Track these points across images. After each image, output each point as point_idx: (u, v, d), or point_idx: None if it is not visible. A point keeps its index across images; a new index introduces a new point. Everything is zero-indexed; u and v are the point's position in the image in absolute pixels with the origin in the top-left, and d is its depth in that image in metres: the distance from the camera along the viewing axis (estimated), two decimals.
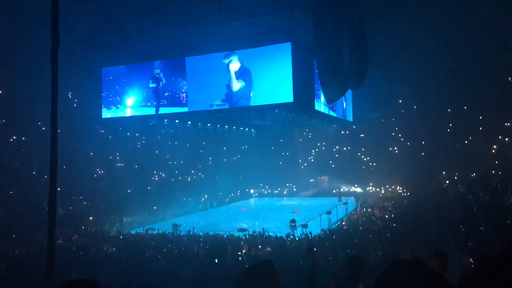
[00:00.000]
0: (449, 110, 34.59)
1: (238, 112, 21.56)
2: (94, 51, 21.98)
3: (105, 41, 21.22)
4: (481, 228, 13.65)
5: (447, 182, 30.51)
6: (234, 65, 20.04)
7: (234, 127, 33.23)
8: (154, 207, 29.07)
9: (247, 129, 35.98)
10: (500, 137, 30.75)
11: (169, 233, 20.70)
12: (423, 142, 35.22)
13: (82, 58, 22.29)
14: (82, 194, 25.30)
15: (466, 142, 33.12)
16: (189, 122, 26.73)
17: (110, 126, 28.03)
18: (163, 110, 22.32)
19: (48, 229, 3.24)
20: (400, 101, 37.79)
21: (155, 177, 33.03)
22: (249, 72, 19.76)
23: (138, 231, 21.85)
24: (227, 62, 20.13)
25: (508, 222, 13.61)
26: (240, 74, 19.97)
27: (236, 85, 20.11)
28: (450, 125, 34.58)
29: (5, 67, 23.51)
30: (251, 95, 19.86)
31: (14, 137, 24.20)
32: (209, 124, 29.03)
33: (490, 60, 28.59)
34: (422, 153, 34.98)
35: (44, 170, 23.52)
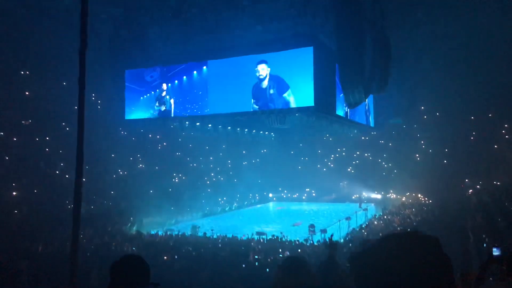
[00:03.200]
0: (472, 117, 33.91)
1: (258, 115, 21.60)
2: (118, 53, 22.31)
3: (129, 44, 21.53)
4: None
5: (470, 190, 29.87)
6: (264, 71, 20.12)
7: (254, 131, 33.28)
8: (172, 208, 29.23)
9: (266, 132, 35.98)
10: None
11: (188, 234, 20.87)
12: (446, 150, 34.59)
13: (106, 60, 22.64)
14: (103, 195, 25.66)
15: (490, 150, 32.39)
16: (209, 125, 26.87)
17: (132, 128, 28.39)
18: (184, 113, 22.56)
19: (72, 228, 3.32)
20: (423, 107, 37.25)
21: (176, 179, 33.30)
22: (276, 77, 19.83)
23: (158, 232, 22.06)
24: (260, 69, 20.21)
25: None
26: (268, 79, 20.07)
27: (262, 89, 20.16)
28: (474, 132, 33.88)
29: (32, 69, 24.08)
30: (274, 98, 19.90)
31: (40, 137, 24.72)
32: (229, 127, 29.13)
33: None
34: (445, 161, 34.35)
35: (67, 170, 23.95)
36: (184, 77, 22.41)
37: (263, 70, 20.09)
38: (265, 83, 20.07)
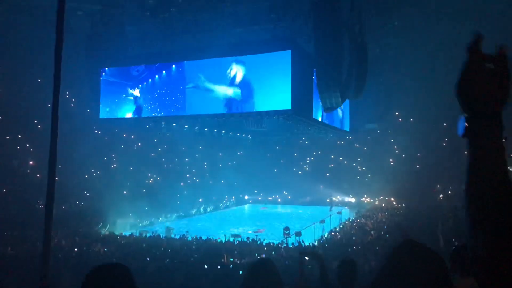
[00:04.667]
0: (445, 124, 34.70)
1: (236, 118, 21.58)
2: (94, 51, 21.93)
3: (105, 42, 21.20)
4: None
5: (441, 195, 30.56)
6: (240, 71, 20.03)
7: (231, 133, 33.23)
8: (147, 208, 28.86)
9: (243, 135, 35.99)
10: None
11: (162, 236, 20.66)
12: (418, 155, 35.29)
13: (81, 58, 22.23)
14: (76, 194, 25.18)
15: (461, 156, 33.15)
16: (186, 126, 26.70)
17: (107, 127, 27.94)
18: (160, 113, 22.33)
19: (44, 228, 3.24)
20: (397, 113, 37.93)
21: (150, 180, 32.94)
22: (250, 79, 19.81)
23: (131, 233, 21.77)
24: (234, 68, 20.09)
25: None
26: (242, 80, 20.00)
27: (236, 90, 20.14)
28: (446, 139, 34.67)
29: (3, 65, 23.46)
30: (250, 100, 19.90)
31: (10, 135, 24.10)
32: (206, 129, 28.99)
33: None
34: (417, 166, 35.04)
35: (38, 169, 23.41)
36: (157, 76, 22.16)
37: (238, 71, 20.03)
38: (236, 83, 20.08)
